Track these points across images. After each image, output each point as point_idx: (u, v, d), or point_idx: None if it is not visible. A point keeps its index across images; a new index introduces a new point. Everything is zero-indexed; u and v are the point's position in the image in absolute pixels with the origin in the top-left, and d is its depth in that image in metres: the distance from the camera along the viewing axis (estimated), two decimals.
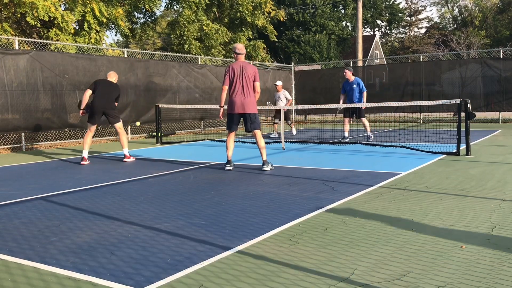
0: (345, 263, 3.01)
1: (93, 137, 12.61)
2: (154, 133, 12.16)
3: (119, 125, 8.48)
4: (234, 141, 7.42)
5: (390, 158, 8.01)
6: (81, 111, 8.40)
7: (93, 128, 8.50)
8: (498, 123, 16.58)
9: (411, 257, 3.09)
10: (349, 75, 10.80)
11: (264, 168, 6.89)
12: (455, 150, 8.03)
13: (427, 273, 2.79)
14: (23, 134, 10.95)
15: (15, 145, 10.97)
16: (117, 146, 11.61)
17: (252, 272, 2.89)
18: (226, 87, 6.90)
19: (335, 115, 15.79)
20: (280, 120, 13.02)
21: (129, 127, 13.57)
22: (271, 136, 12.68)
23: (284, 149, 9.56)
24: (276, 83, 13.11)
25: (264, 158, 6.94)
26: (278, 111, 12.85)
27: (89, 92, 8.25)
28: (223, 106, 7.21)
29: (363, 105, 10.21)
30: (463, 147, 8.08)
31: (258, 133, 6.94)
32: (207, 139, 12.54)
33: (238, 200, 4.94)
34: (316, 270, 2.89)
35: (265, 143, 6.41)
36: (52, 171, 7.46)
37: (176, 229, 3.85)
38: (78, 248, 3.43)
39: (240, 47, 6.93)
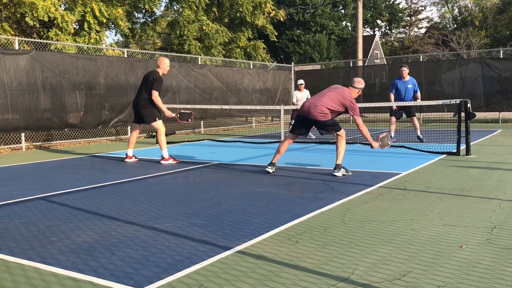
0: (345, 263, 3.01)
1: (93, 137, 12.73)
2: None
3: (153, 125, 8.02)
4: (232, 141, 7.27)
5: (390, 158, 8.01)
6: None
7: (136, 126, 8.35)
8: (498, 123, 16.58)
9: (411, 257, 3.09)
10: (405, 73, 10.41)
11: (334, 173, 6.33)
12: (455, 150, 8.03)
13: (427, 273, 2.80)
14: (23, 134, 10.95)
15: (15, 145, 10.97)
16: (117, 146, 11.61)
17: (252, 272, 2.89)
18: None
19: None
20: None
21: (129, 127, 13.57)
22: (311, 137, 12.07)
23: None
24: (299, 82, 12.51)
25: (338, 162, 6.36)
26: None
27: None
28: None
29: (415, 103, 9.90)
30: (463, 147, 8.08)
31: (339, 134, 6.39)
32: (207, 139, 12.54)
33: (238, 200, 4.94)
34: (316, 270, 2.89)
35: (269, 143, 6.30)
36: (52, 171, 7.46)
37: (176, 229, 3.85)
38: (78, 248, 3.43)
39: (356, 80, 6.50)
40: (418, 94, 10.56)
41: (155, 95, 7.83)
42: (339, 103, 6.30)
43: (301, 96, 12.44)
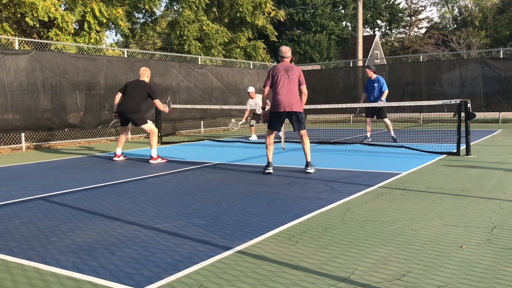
0: (345, 263, 3.01)
1: (93, 137, 12.73)
2: None
3: (146, 127, 8.30)
4: (232, 141, 7.32)
5: (390, 158, 8.01)
6: (114, 114, 8.67)
7: (124, 128, 8.71)
8: (498, 123, 16.58)
9: (411, 257, 3.09)
10: (370, 73, 10.56)
11: (308, 171, 6.58)
12: (455, 150, 8.03)
13: (427, 273, 2.79)
14: (23, 134, 10.95)
15: (15, 145, 10.97)
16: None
17: (252, 272, 2.89)
18: (267, 88, 6.64)
19: (355, 115, 15.48)
20: (257, 122, 12.70)
21: None
22: (250, 139, 12.06)
23: (284, 149, 9.55)
24: (249, 90, 12.37)
25: (309, 159, 6.65)
26: (256, 114, 12.12)
27: (118, 94, 8.37)
28: (264, 108, 6.88)
29: (381, 104, 9.96)
30: (463, 147, 8.08)
31: (305, 133, 6.64)
32: (207, 139, 12.53)
33: (238, 200, 4.94)
34: (316, 270, 2.89)
35: (256, 142, 6.37)
36: (52, 171, 7.46)
37: (176, 229, 3.85)
38: (78, 248, 3.43)
39: (285, 50, 6.70)
40: (384, 93, 10.43)
41: (159, 102, 8.43)
42: (299, 82, 6.66)
43: (254, 103, 12.25)
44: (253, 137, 12.19)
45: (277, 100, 6.53)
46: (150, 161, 8.20)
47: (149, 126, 8.35)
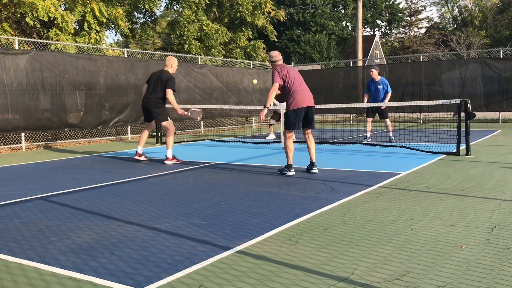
0: (345, 263, 3.01)
1: (93, 137, 12.73)
2: (154, 133, 12.16)
3: (164, 124, 8.05)
4: (232, 141, 7.28)
5: (390, 158, 8.01)
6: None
7: (147, 125, 8.35)
8: (498, 123, 16.58)
9: (411, 257, 3.09)
10: (375, 74, 10.61)
11: (314, 171, 6.60)
12: (455, 150, 8.03)
13: (427, 273, 2.80)
14: (23, 134, 10.94)
15: (15, 145, 10.96)
16: (117, 146, 11.61)
17: (252, 272, 2.89)
18: (277, 85, 6.43)
19: (364, 116, 15.26)
20: (276, 121, 12.78)
21: (129, 127, 13.57)
22: (267, 138, 12.16)
23: (284, 148, 9.55)
24: None
25: (314, 160, 6.67)
26: (274, 112, 12.27)
27: (145, 86, 8.08)
28: (268, 107, 6.71)
29: (383, 104, 10.01)
30: (463, 147, 8.08)
31: (310, 132, 6.72)
32: (207, 139, 12.53)
33: (238, 200, 4.94)
34: (316, 270, 2.89)
35: (269, 143, 6.39)
36: (52, 171, 7.46)
37: (176, 229, 3.86)
38: (78, 248, 3.43)
39: (275, 54, 6.62)
40: (388, 94, 10.55)
41: (170, 93, 7.85)
42: None
43: None
44: (271, 136, 12.35)
45: (300, 97, 6.44)
46: (165, 161, 7.95)
47: (168, 124, 8.03)
